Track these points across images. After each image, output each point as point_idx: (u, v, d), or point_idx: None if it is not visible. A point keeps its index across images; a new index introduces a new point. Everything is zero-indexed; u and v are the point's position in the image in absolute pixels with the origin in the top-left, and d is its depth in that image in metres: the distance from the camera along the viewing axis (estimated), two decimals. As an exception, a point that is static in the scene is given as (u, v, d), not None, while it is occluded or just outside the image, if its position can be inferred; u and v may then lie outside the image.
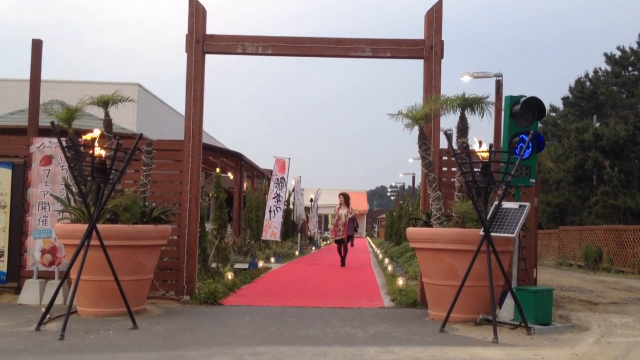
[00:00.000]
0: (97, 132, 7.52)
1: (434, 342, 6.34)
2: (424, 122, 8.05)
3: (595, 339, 6.52)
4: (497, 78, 15.64)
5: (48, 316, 6.83)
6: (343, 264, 17.70)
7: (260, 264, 15.46)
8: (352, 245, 18.73)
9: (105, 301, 7.52)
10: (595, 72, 34.31)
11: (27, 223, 9.24)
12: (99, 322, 7.19)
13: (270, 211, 18.28)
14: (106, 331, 6.66)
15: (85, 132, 7.55)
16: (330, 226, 19.41)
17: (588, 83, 34.47)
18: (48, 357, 5.42)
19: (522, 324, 6.89)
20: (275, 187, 18.79)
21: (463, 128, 8.07)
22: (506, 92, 12.83)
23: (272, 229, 18.35)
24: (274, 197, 18.84)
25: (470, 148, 7.88)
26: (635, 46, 31.83)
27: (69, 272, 7.23)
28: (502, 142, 8.14)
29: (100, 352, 5.66)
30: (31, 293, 8.76)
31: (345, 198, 18.18)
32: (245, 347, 5.97)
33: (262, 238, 19.20)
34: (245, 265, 14.22)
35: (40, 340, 6.17)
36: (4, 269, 9.15)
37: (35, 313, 7.63)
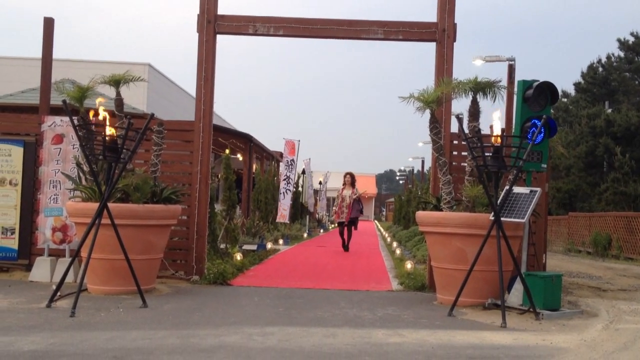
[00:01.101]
0: (100, 104, 7.44)
1: (442, 325, 6.35)
2: (436, 105, 8.01)
3: (604, 325, 6.52)
4: (510, 62, 15.50)
5: (59, 293, 6.89)
6: (346, 248, 16.74)
7: (269, 245, 15.52)
8: (356, 228, 17.55)
9: (116, 279, 7.57)
10: (608, 57, 34.05)
11: (38, 201, 9.30)
12: (109, 300, 7.25)
13: (280, 193, 18.33)
14: (116, 309, 6.71)
15: (96, 111, 7.54)
16: (333, 208, 18.34)
17: (600, 69, 34.22)
18: (59, 334, 5.47)
19: (531, 309, 6.89)
20: (285, 169, 18.82)
21: (475, 112, 8.02)
22: (518, 76, 12.73)
23: (281, 210, 18.41)
24: (284, 179, 18.87)
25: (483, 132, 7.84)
26: (649, 32, 31.52)
27: (79, 250, 7.27)
28: (513, 127, 8.09)
29: (110, 329, 5.71)
30: (42, 270, 8.83)
31: (352, 178, 17.00)
32: (254, 327, 6.01)
33: (277, 221, 19.28)
34: (254, 247, 14.27)
35: (51, 317, 6.23)
36: (15, 247, 9.22)
37: (45, 290, 7.69)
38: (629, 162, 23.63)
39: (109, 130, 7.10)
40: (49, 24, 9.71)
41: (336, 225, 18.31)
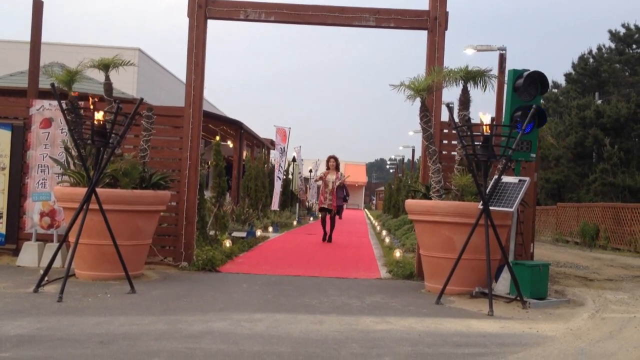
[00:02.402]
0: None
1: (430, 313, 6.38)
2: (426, 94, 8.00)
3: (590, 314, 6.57)
4: (501, 52, 15.48)
5: (46, 278, 6.86)
6: (328, 239, 15.45)
7: (258, 232, 15.51)
8: (340, 217, 16.05)
9: (104, 265, 7.55)
10: (599, 49, 34.09)
11: (26, 185, 9.24)
12: (97, 285, 7.23)
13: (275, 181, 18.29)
14: (104, 294, 6.69)
15: (86, 96, 7.49)
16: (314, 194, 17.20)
17: (591, 60, 34.26)
18: (46, 319, 5.45)
19: (518, 298, 6.93)
20: (279, 156, 18.78)
21: (465, 101, 8.03)
22: (509, 66, 12.72)
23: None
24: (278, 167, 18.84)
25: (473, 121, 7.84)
26: (640, 24, 31.57)
27: (67, 235, 7.24)
28: (503, 116, 8.11)
29: (97, 314, 5.70)
30: (29, 255, 8.79)
31: (336, 162, 15.63)
32: (242, 313, 6.01)
33: (272, 209, 19.25)
34: (243, 234, 14.27)
35: (38, 301, 6.20)
36: (3, 231, 9.17)
37: (33, 275, 7.67)
38: (618, 153, 23.73)
39: (98, 115, 7.04)
40: (38, 6, 9.60)
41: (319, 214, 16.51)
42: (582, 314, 6.61)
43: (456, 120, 7.64)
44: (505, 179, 7.52)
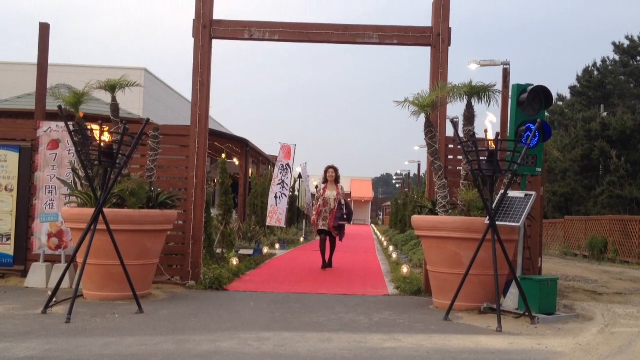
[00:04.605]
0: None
1: (438, 330, 6.36)
2: (431, 109, 8.03)
3: (599, 329, 6.53)
4: (505, 66, 15.52)
5: (54, 299, 6.88)
6: (329, 264, 12.68)
7: (265, 250, 15.51)
8: (340, 239, 12.94)
9: (111, 285, 7.56)
10: (604, 61, 34.15)
11: (34, 207, 9.28)
12: (104, 306, 7.24)
13: (275, 197, 18.29)
14: (112, 315, 6.70)
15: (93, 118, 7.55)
16: (312, 212, 13.14)
17: (596, 72, 34.31)
18: (54, 340, 5.46)
19: (526, 313, 6.90)
20: (280, 173, 18.78)
21: (470, 116, 8.05)
22: (513, 80, 12.73)
23: (277, 215, 18.38)
24: (279, 184, 18.85)
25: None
26: (644, 36, 31.63)
27: (75, 256, 7.27)
28: (508, 131, 8.12)
29: (106, 335, 5.71)
30: (38, 276, 8.81)
31: (335, 173, 12.86)
32: (249, 332, 6.01)
33: (267, 224, 19.14)
34: (250, 251, 14.26)
35: (46, 323, 6.22)
36: (11, 252, 9.21)
37: (41, 296, 7.68)
38: (625, 165, 23.68)
39: (105, 136, 7.09)
40: (44, 29, 9.71)
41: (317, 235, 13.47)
42: (591, 328, 6.57)
43: (461, 135, 7.65)
44: (512, 193, 7.52)
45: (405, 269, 10.58)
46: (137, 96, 22.21)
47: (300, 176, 28.11)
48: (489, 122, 7.56)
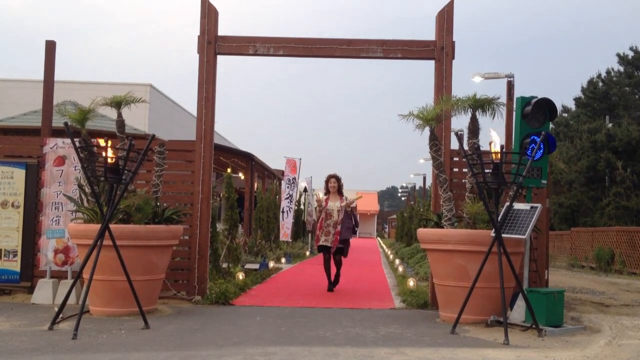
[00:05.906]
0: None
1: (445, 343, 6.34)
2: (435, 123, 8.05)
3: (607, 341, 6.50)
4: (509, 79, 15.56)
5: (61, 315, 6.89)
6: (335, 281, 11.32)
7: (271, 264, 15.50)
8: (345, 255, 11.33)
9: (118, 301, 7.57)
10: (608, 72, 34.13)
11: (41, 223, 9.32)
12: (111, 321, 7.24)
13: (282, 212, 18.32)
14: (118, 331, 6.70)
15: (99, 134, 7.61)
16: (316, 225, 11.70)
17: (600, 83, 34.29)
18: (61, 356, 5.46)
19: (533, 326, 6.88)
20: (287, 187, 18.84)
21: (474, 129, 8.07)
22: (518, 93, 12.77)
23: (284, 229, 18.41)
24: (287, 198, 18.89)
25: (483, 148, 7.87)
26: (648, 47, 31.64)
27: (81, 271, 7.28)
28: (513, 143, 8.13)
29: (112, 351, 5.71)
30: (44, 292, 8.83)
31: (338, 182, 11.44)
32: (256, 347, 6.00)
33: (281, 239, 19.12)
34: (256, 266, 14.26)
35: (53, 339, 6.22)
36: (17, 269, 9.23)
37: (48, 312, 7.69)
38: (631, 176, 23.61)
39: (110, 152, 7.14)
40: (50, 47, 9.79)
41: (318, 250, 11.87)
42: (598, 341, 6.54)
43: (466, 148, 7.67)
44: (517, 206, 7.51)
45: (411, 282, 10.55)
46: (142, 112, 22.32)
47: (305, 190, 28.13)
48: (494, 134, 7.57)
